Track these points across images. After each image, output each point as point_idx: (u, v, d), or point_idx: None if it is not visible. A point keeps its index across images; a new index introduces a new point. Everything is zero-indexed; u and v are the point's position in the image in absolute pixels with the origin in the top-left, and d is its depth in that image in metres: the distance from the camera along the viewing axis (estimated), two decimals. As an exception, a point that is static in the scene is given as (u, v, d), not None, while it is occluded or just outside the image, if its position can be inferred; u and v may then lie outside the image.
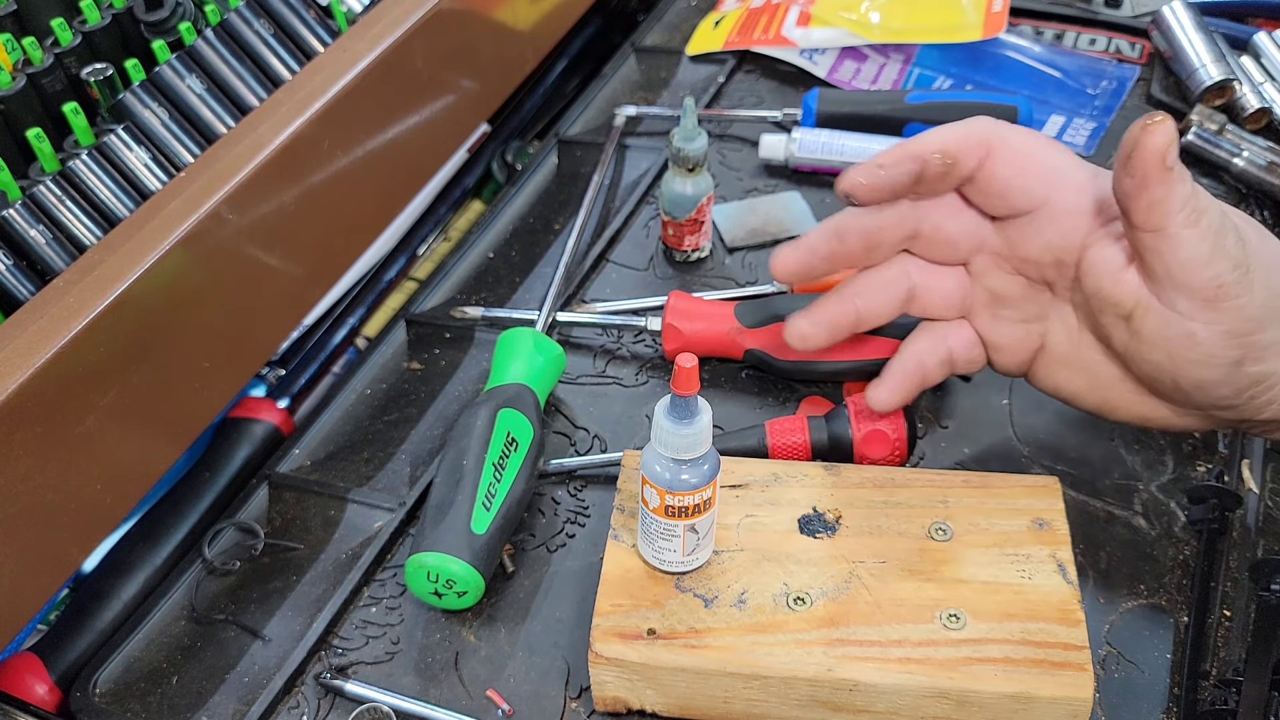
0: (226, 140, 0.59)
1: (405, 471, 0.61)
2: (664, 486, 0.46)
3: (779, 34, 0.86)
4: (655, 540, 0.47)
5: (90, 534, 0.53)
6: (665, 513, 0.46)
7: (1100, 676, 0.49)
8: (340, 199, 0.65)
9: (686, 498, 0.45)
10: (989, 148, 0.47)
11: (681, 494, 0.45)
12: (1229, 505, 0.54)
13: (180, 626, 0.55)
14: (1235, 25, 0.83)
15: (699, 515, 0.46)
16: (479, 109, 0.78)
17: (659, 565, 0.48)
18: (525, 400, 0.57)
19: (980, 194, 0.49)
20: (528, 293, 0.71)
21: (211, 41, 0.63)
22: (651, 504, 0.46)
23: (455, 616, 0.54)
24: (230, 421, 0.65)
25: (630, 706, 0.48)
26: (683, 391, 0.44)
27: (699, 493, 0.46)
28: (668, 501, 0.46)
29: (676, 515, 0.46)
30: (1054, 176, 0.47)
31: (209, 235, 0.55)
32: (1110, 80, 0.83)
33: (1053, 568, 0.47)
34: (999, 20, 0.83)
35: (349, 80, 0.63)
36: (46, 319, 0.49)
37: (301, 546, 0.58)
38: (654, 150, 0.80)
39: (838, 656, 0.45)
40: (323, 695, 0.51)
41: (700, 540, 0.47)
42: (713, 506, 0.47)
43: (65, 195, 0.55)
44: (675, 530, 0.46)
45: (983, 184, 0.48)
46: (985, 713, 0.45)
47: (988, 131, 0.47)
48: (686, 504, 0.46)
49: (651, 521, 0.47)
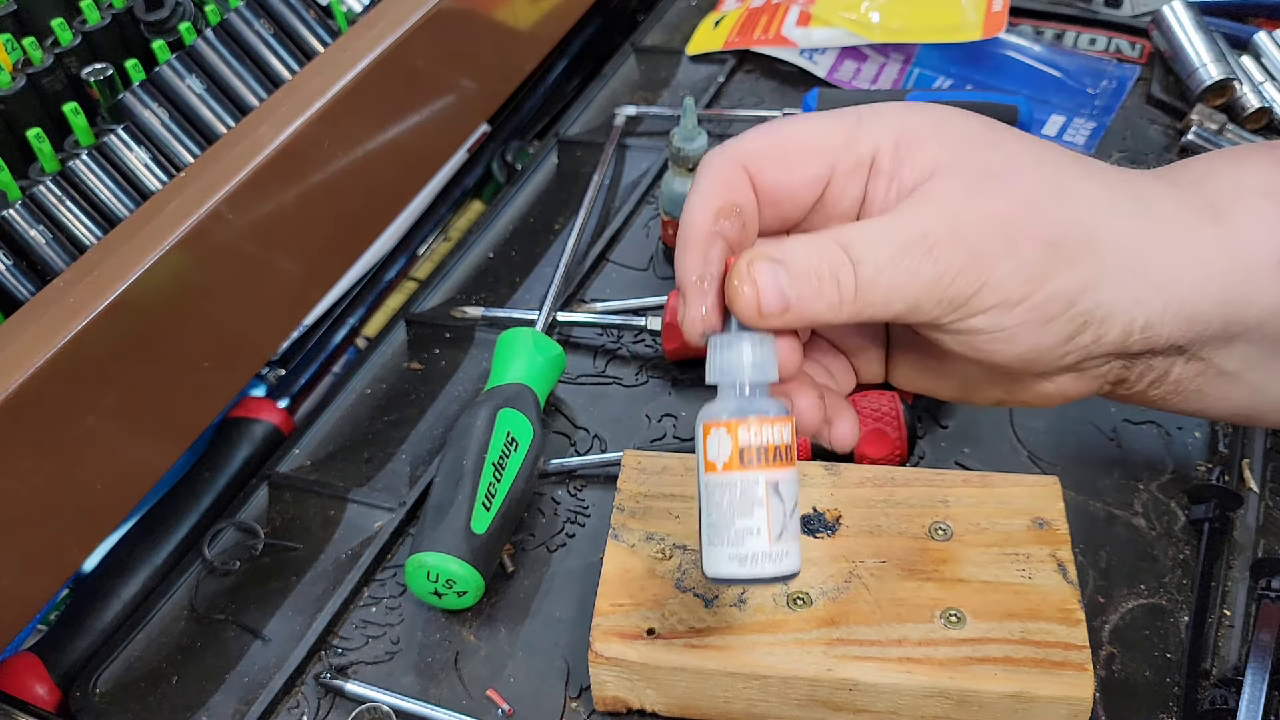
0: (226, 140, 0.59)
1: (405, 471, 0.61)
2: (733, 414, 0.37)
3: (779, 34, 0.86)
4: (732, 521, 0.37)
5: (90, 534, 0.53)
6: (740, 460, 0.36)
7: (1100, 676, 0.49)
8: (340, 199, 0.65)
9: (767, 429, 0.36)
10: (744, 169, 0.41)
11: (760, 421, 0.37)
12: (1229, 505, 0.54)
13: (180, 626, 0.55)
14: (1235, 25, 0.83)
15: (783, 465, 0.37)
16: (479, 109, 0.78)
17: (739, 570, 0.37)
18: (525, 400, 0.57)
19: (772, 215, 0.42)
20: (528, 292, 0.71)
21: (211, 41, 0.63)
22: (720, 457, 0.36)
23: (455, 616, 0.54)
24: (230, 421, 0.65)
25: (630, 706, 0.48)
26: None
27: (780, 423, 0.37)
28: (742, 440, 0.36)
29: (756, 463, 0.37)
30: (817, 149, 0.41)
31: (209, 235, 0.55)
32: (1110, 80, 0.83)
33: (1053, 567, 0.47)
34: (999, 20, 0.83)
35: (349, 80, 0.63)
36: (46, 319, 0.49)
37: (301, 546, 0.58)
38: (654, 150, 0.80)
39: (837, 656, 0.45)
40: (323, 695, 0.51)
41: (788, 517, 0.37)
42: (794, 465, 0.38)
43: (65, 195, 0.55)
44: (755, 491, 0.36)
45: (767, 203, 0.41)
46: (985, 712, 0.45)
47: (732, 156, 0.41)
48: (767, 441, 0.36)
49: (720, 491, 0.37)
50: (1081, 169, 0.41)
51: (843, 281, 0.38)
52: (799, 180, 0.41)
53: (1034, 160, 0.40)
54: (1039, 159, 0.40)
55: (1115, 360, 0.42)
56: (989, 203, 0.38)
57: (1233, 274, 0.40)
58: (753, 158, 0.41)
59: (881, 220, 0.39)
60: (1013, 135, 0.41)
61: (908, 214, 0.39)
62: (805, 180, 0.41)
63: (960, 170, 0.39)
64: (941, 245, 0.38)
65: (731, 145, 0.41)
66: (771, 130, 0.42)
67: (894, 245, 0.38)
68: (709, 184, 0.40)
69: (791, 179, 0.41)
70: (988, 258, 0.38)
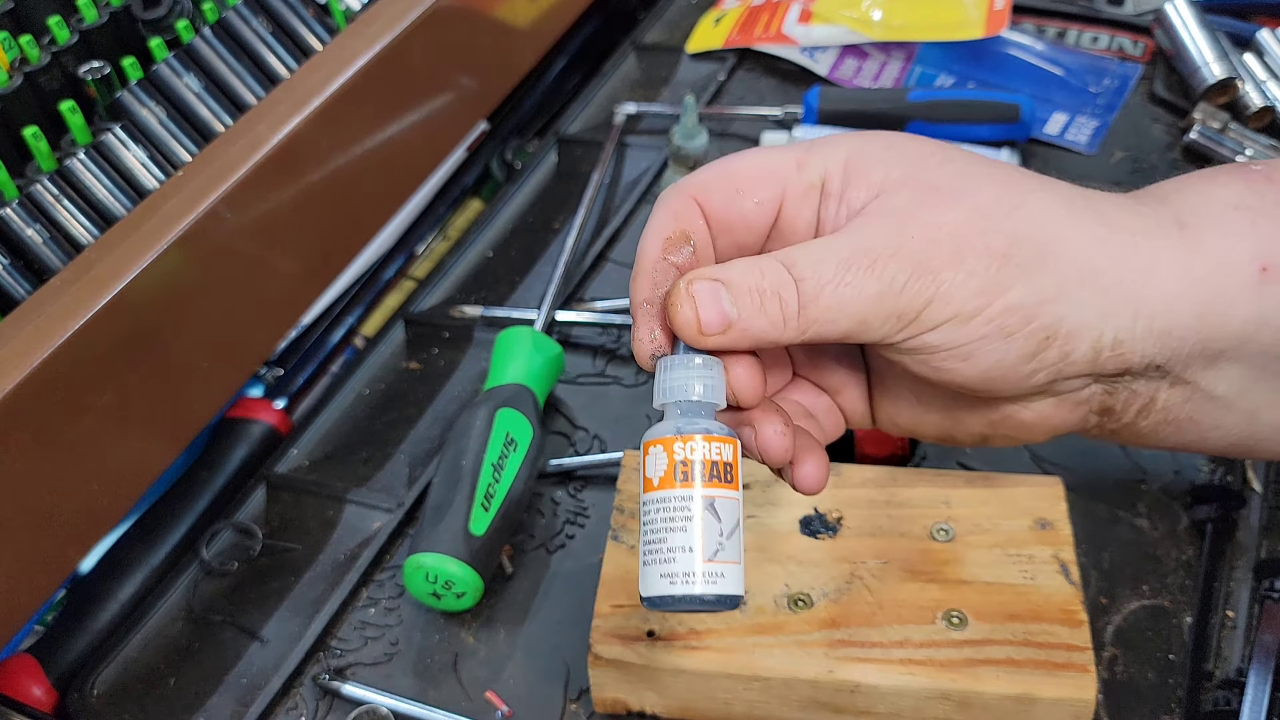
0: (224, 139, 0.59)
1: (404, 472, 0.61)
2: (671, 432, 0.36)
3: (780, 31, 0.86)
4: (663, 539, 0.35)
5: (87, 535, 0.53)
6: (676, 477, 0.35)
7: (1103, 677, 0.49)
8: (338, 197, 0.64)
9: (701, 445, 0.35)
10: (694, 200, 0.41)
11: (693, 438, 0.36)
12: (1232, 505, 0.54)
13: (178, 628, 0.55)
14: (1238, 23, 0.83)
15: (721, 485, 0.36)
16: (478, 107, 0.78)
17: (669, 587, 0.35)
18: (524, 400, 0.57)
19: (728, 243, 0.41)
20: (527, 292, 0.71)
21: (209, 39, 0.63)
22: (655, 474, 0.35)
23: (454, 618, 0.53)
24: (228, 421, 0.64)
25: (630, 708, 0.48)
26: None
27: (717, 441, 0.36)
28: (676, 455, 0.35)
29: (691, 479, 0.35)
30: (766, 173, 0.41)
31: (207, 234, 0.55)
32: (1113, 78, 0.83)
33: (1055, 568, 0.47)
34: (1001, 18, 0.82)
35: (347, 78, 0.62)
36: (43, 319, 0.49)
37: (299, 547, 0.58)
38: (654, 148, 0.80)
39: (839, 658, 0.44)
40: (321, 697, 0.51)
41: (724, 538, 0.35)
42: (737, 489, 0.36)
43: (62, 194, 0.55)
44: (688, 508, 0.35)
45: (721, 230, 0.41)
46: (988, 714, 0.44)
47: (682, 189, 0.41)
48: (702, 457, 0.35)
49: (655, 509, 0.36)
50: (1036, 184, 0.40)
51: (785, 299, 0.37)
52: (749, 205, 0.41)
53: (985, 175, 0.39)
54: (990, 174, 0.39)
55: (1094, 384, 0.41)
56: (935, 215, 0.38)
57: (1207, 284, 0.38)
58: (702, 188, 0.41)
59: (826, 239, 0.39)
60: (964, 154, 0.41)
61: (853, 231, 0.38)
62: (755, 205, 0.41)
63: (907, 187, 0.39)
64: (884, 259, 0.37)
65: (682, 180, 0.42)
66: (721, 162, 0.42)
67: (836, 261, 0.37)
68: (660, 217, 0.41)
69: (742, 204, 0.41)
70: (934, 269, 0.37)
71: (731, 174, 0.41)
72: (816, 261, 0.38)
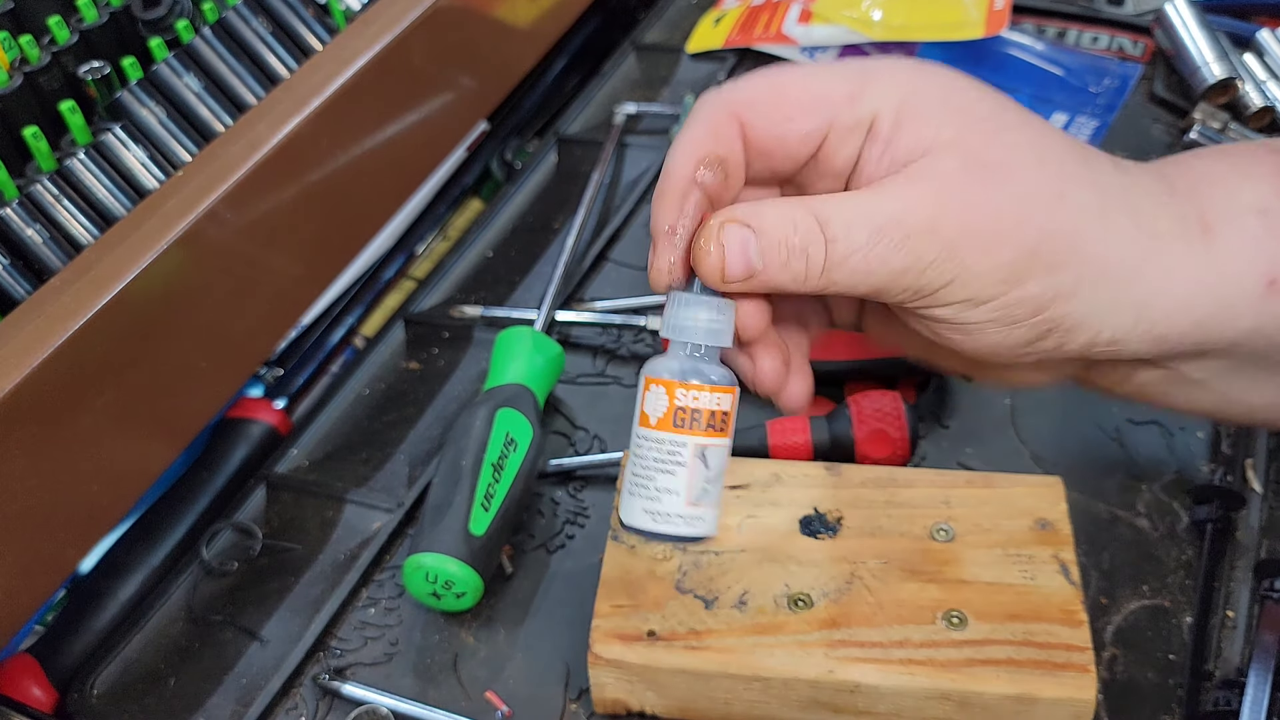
0: (224, 139, 0.59)
1: (403, 472, 0.61)
2: (674, 376, 0.37)
3: (780, 31, 0.86)
4: (653, 477, 0.37)
5: (87, 535, 0.53)
6: (674, 422, 0.37)
7: (1103, 677, 0.49)
8: (338, 197, 0.64)
9: (704, 396, 0.37)
10: (737, 118, 0.39)
11: (697, 388, 0.37)
12: (1232, 505, 0.54)
13: (178, 628, 0.55)
14: (1238, 23, 0.83)
15: (715, 434, 0.37)
16: (478, 107, 0.78)
17: (650, 524, 0.38)
18: (524, 400, 0.57)
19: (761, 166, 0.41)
20: (527, 292, 0.71)
21: (209, 39, 0.63)
22: (654, 414, 0.37)
23: (454, 618, 0.53)
24: (227, 422, 0.64)
25: (630, 708, 0.48)
26: None
27: (718, 392, 0.37)
28: (678, 401, 0.36)
29: (688, 426, 0.37)
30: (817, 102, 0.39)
31: (206, 234, 0.55)
32: (1113, 78, 0.83)
33: (1055, 568, 0.47)
34: (1001, 18, 0.82)
35: (347, 78, 0.62)
36: (43, 319, 0.49)
37: (299, 547, 0.58)
38: (654, 148, 0.80)
39: (839, 658, 0.44)
40: (321, 697, 0.51)
41: (709, 484, 0.38)
42: (729, 435, 0.38)
43: (62, 194, 0.55)
44: (680, 455, 0.37)
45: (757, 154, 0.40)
46: (988, 714, 0.44)
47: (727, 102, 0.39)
48: (703, 406, 0.37)
49: (649, 445, 0.37)
50: (1079, 168, 0.39)
51: (812, 256, 0.37)
52: (794, 133, 0.39)
53: (1034, 158, 0.39)
54: (1040, 157, 0.39)
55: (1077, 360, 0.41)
56: (976, 196, 0.37)
57: (1213, 295, 0.39)
58: (748, 105, 0.39)
59: (862, 197, 0.38)
60: (1019, 122, 0.39)
61: (891, 194, 0.38)
62: (801, 134, 0.39)
63: (956, 155, 0.38)
64: (917, 235, 0.37)
65: (727, 90, 0.40)
66: (771, 76, 0.40)
67: (869, 228, 0.37)
68: (696, 130, 0.39)
69: (786, 131, 0.39)
70: (963, 254, 0.37)
71: (781, 96, 0.39)
72: (850, 224, 0.37)
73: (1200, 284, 0.39)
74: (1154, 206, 0.39)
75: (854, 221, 0.37)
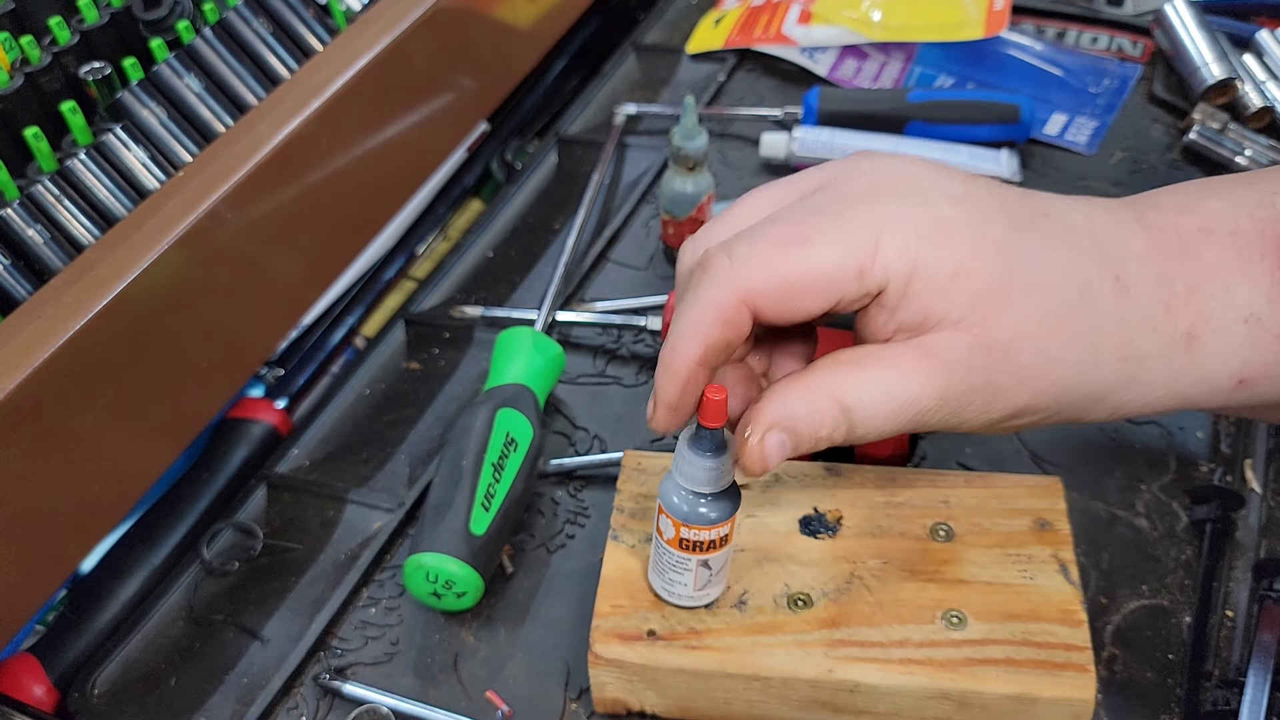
0: (225, 139, 0.59)
1: (404, 472, 0.61)
2: (680, 519, 0.44)
3: (780, 32, 0.86)
4: (666, 571, 0.46)
5: (88, 535, 0.53)
6: (680, 545, 0.44)
7: (1102, 677, 0.49)
8: (339, 198, 0.64)
9: (703, 533, 0.44)
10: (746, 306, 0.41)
11: (698, 528, 0.44)
12: (1231, 505, 0.54)
13: (178, 627, 0.55)
14: (1238, 23, 0.83)
15: (714, 551, 0.45)
16: (478, 107, 0.78)
17: (668, 597, 0.47)
18: (524, 400, 0.57)
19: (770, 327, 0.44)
20: (527, 292, 0.71)
21: (210, 40, 0.63)
22: (666, 534, 0.45)
23: (454, 617, 0.53)
24: (228, 422, 0.65)
25: (630, 708, 0.48)
26: (710, 423, 0.42)
27: (716, 528, 0.44)
28: (683, 535, 0.44)
29: (691, 549, 0.44)
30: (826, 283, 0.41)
31: (207, 234, 0.55)
32: (1112, 79, 0.83)
33: (1055, 568, 0.47)
34: (1001, 18, 0.83)
35: (348, 79, 0.63)
36: (44, 319, 0.49)
37: (300, 547, 0.58)
38: (654, 149, 0.80)
39: (839, 657, 0.45)
40: (321, 696, 0.51)
41: (713, 576, 0.46)
42: (730, 543, 0.45)
43: (63, 194, 0.55)
44: (688, 564, 0.45)
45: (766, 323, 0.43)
46: (987, 714, 0.44)
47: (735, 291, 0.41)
48: (702, 539, 0.44)
49: (664, 552, 0.45)
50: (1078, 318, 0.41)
51: (835, 436, 0.42)
52: (802, 314, 0.42)
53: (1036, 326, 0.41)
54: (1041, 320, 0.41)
55: None
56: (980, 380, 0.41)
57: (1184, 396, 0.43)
58: (756, 294, 0.41)
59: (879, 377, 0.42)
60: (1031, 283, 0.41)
61: (904, 371, 0.41)
62: (809, 313, 0.42)
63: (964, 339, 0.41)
64: (927, 412, 0.42)
65: (737, 274, 0.41)
66: (780, 264, 0.41)
67: (888, 411, 0.41)
68: (706, 314, 0.41)
69: (794, 312, 0.42)
70: (964, 415, 0.42)
71: (789, 285, 0.41)
72: (872, 410, 0.41)
73: (1173, 391, 0.43)
74: (1144, 334, 0.42)
75: (875, 407, 0.41)
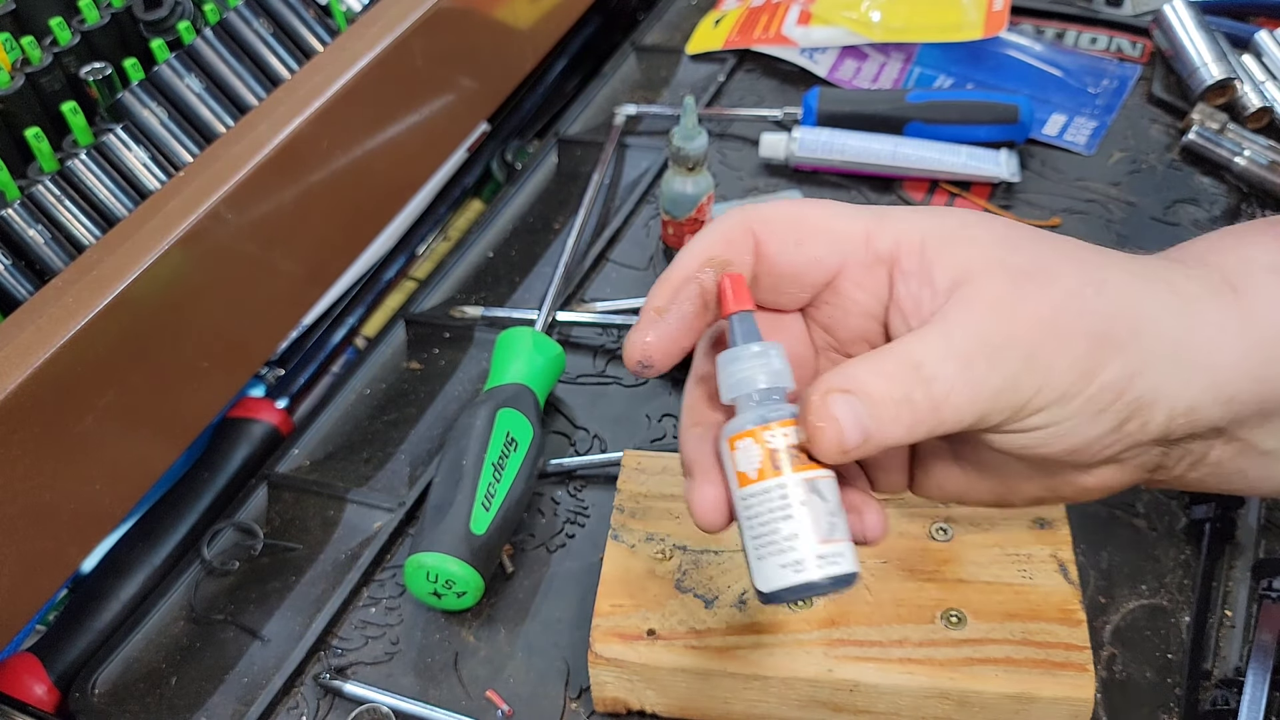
0: (225, 140, 0.59)
1: (404, 471, 0.61)
2: (757, 422, 0.36)
3: (779, 33, 0.86)
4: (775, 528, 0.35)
5: (89, 534, 0.53)
6: (772, 465, 0.35)
7: (1101, 677, 0.49)
8: (339, 198, 0.64)
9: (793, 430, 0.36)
10: (752, 233, 0.40)
11: (786, 423, 0.36)
12: (1231, 505, 0.54)
13: (179, 627, 0.55)
14: (1237, 24, 0.83)
15: (816, 466, 0.36)
16: (478, 108, 0.78)
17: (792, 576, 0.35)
18: (525, 400, 0.57)
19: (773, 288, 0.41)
20: (527, 292, 0.71)
21: (210, 41, 0.63)
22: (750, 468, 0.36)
23: (454, 617, 0.54)
24: (229, 421, 0.65)
25: (630, 707, 0.48)
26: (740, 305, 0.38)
27: None
28: (770, 444, 0.35)
29: (790, 465, 0.36)
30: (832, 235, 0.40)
31: (208, 235, 0.55)
32: (1111, 79, 0.83)
33: (1054, 567, 0.47)
34: (1000, 19, 0.83)
35: (348, 79, 0.63)
36: (45, 319, 0.49)
37: (300, 547, 0.58)
38: (654, 149, 0.80)
39: (838, 657, 0.45)
40: (322, 696, 0.51)
41: (833, 516, 0.36)
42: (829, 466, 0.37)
43: (64, 195, 0.55)
44: (796, 492, 0.35)
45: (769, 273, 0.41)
46: (986, 713, 0.44)
47: (744, 218, 0.40)
48: (795, 441, 0.36)
49: (757, 501, 0.36)
50: (1104, 260, 0.40)
51: (917, 403, 0.37)
52: (805, 258, 0.40)
53: (1063, 257, 0.39)
54: (1068, 256, 0.40)
55: (1156, 447, 0.41)
56: (1034, 302, 0.38)
57: (1263, 349, 0.39)
58: (764, 223, 0.40)
59: (936, 330, 0.38)
60: (1033, 235, 0.40)
61: (960, 320, 0.38)
62: (812, 259, 0.40)
63: (998, 273, 0.39)
64: (1001, 350, 0.37)
65: (747, 207, 0.41)
66: (791, 205, 0.41)
67: (959, 357, 0.37)
68: (711, 235, 0.40)
69: (798, 256, 0.40)
70: (1042, 355, 0.37)
71: (797, 221, 0.40)
72: (941, 359, 0.37)
73: (1248, 339, 0.39)
74: (1180, 279, 0.40)
75: (943, 355, 0.37)
